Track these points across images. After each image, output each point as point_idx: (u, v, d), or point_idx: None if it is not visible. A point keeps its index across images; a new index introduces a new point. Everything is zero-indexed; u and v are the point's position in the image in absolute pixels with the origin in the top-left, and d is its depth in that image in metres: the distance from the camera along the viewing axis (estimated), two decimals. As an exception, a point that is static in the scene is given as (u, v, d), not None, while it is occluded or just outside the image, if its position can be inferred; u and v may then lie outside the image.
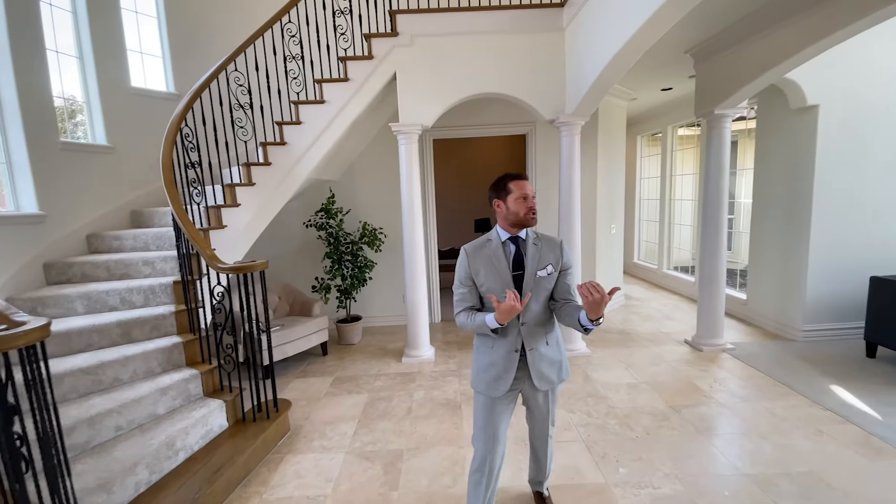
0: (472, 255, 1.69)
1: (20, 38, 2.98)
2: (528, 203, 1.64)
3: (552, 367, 1.72)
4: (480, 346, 1.75)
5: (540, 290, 1.66)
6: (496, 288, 1.63)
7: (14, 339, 1.36)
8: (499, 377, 1.67)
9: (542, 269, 1.66)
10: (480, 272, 1.67)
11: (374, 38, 3.66)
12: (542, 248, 1.70)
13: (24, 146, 3.00)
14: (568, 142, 3.78)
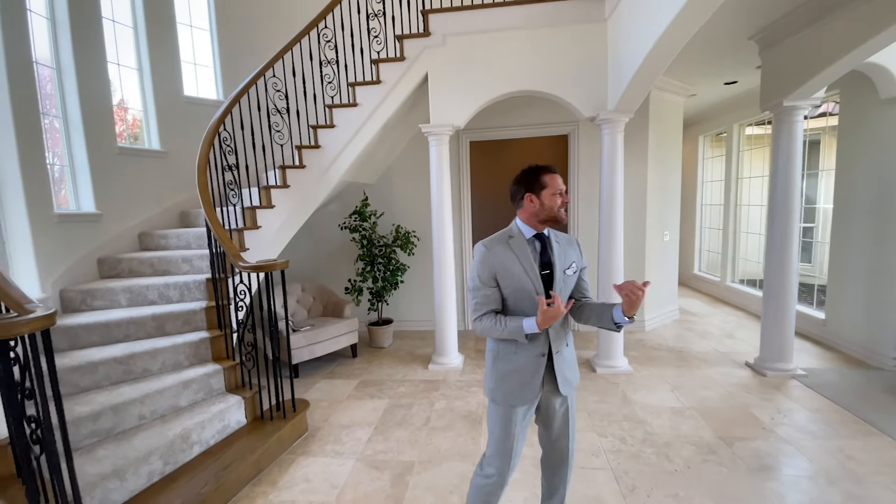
0: (495, 251, 1.54)
1: (84, 53, 3.27)
2: (564, 198, 1.53)
3: (572, 369, 1.62)
4: (501, 352, 1.57)
5: (566, 289, 1.57)
6: (524, 289, 1.51)
7: (18, 326, 1.41)
8: (525, 384, 1.53)
9: (567, 267, 1.57)
10: (505, 271, 1.52)
11: (406, 39, 3.63)
12: (563, 246, 1.60)
13: (85, 151, 3.28)
14: (610, 140, 3.51)
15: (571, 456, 1.70)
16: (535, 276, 1.51)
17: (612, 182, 3.54)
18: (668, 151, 4.83)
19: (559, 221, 1.55)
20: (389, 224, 4.80)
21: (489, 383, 1.61)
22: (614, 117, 3.42)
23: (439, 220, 3.76)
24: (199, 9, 4.29)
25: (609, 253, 3.59)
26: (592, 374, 3.61)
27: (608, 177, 3.54)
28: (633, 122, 4.37)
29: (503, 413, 1.57)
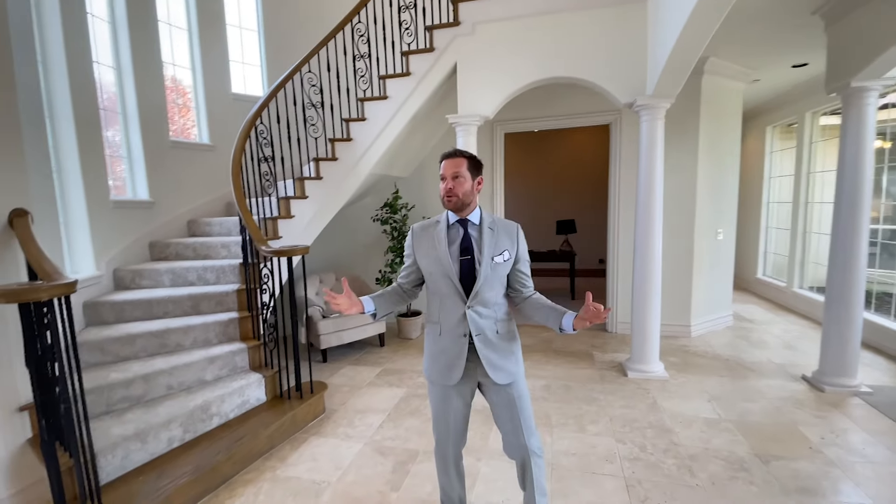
0: (418, 235, 1.64)
1: (141, 54, 3.57)
2: (446, 184, 1.54)
3: (503, 356, 1.57)
4: (430, 333, 1.65)
5: (495, 277, 1.55)
6: (440, 271, 1.55)
7: (40, 291, 1.56)
8: (451, 365, 1.57)
9: (498, 254, 1.55)
10: (423, 254, 1.60)
11: (435, 29, 3.61)
12: (498, 233, 1.58)
13: (141, 144, 3.59)
14: (649, 128, 3.27)
15: (531, 452, 1.59)
16: (448, 260, 1.53)
17: (651, 173, 3.30)
18: (723, 142, 4.43)
19: (447, 207, 1.57)
20: (420, 217, 4.82)
21: (424, 363, 1.69)
22: (653, 103, 3.18)
23: (465, 212, 3.70)
24: (249, 11, 4.55)
25: (645, 251, 3.35)
26: (623, 379, 3.39)
27: (646, 167, 3.31)
28: (683, 109, 4.07)
29: (437, 391, 1.64)
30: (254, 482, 2.25)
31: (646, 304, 3.41)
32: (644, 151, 3.31)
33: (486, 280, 1.53)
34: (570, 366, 3.68)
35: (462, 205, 1.53)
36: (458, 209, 1.55)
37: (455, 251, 1.54)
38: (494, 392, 1.60)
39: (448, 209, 1.57)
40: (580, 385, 3.30)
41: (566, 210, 7.54)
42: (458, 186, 1.52)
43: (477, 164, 1.58)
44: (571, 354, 3.94)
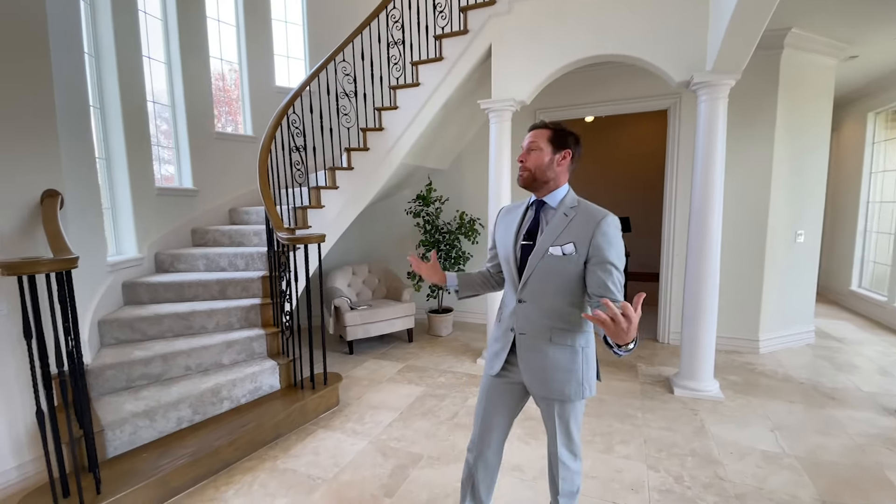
0: (502, 217, 1.53)
1: (190, 49, 3.75)
2: (521, 161, 1.39)
3: (553, 370, 1.35)
4: (497, 316, 1.54)
5: (551, 271, 1.32)
6: (502, 255, 1.46)
7: (40, 265, 1.60)
8: (496, 354, 1.48)
9: (557, 245, 1.30)
10: (500, 236, 1.49)
11: (470, 10, 3.42)
12: (573, 221, 1.31)
13: (187, 134, 3.77)
14: (709, 109, 2.84)
15: (564, 465, 1.44)
16: (510, 243, 1.41)
17: (710, 161, 2.86)
18: (808, 129, 3.79)
19: (521, 185, 1.40)
20: (455, 210, 4.65)
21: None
22: (713, 80, 2.75)
23: (496, 204, 3.48)
24: (294, 5, 4.64)
25: (700, 250, 2.92)
26: (667, 396, 2.99)
27: (704, 155, 2.88)
28: (755, 89, 3.54)
29: (483, 379, 1.54)
30: (253, 470, 2.22)
31: (698, 312, 2.97)
32: (702, 137, 2.89)
33: (537, 272, 1.33)
34: (607, 376, 3.33)
35: (534, 180, 1.36)
36: (530, 185, 1.38)
37: (521, 235, 1.40)
38: (538, 400, 1.42)
39: (522, 185, 1.39)
40: (616, 399, 2.96)
41: (620, 207, 6.99)
42: (530, 159, 1.35)
43: (563, 137, 1.37)
44: (612, 364, 3.57)
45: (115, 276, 2.97)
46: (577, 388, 1.35)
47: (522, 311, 1.38)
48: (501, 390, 1.48)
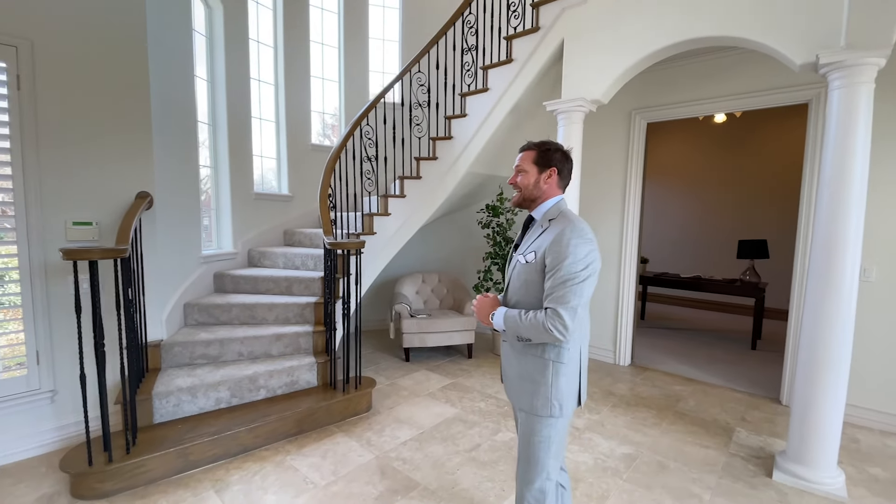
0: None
1: (294, 71, 4.23)
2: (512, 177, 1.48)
3: (521, 380, 1.40)
4: None
5: (520, 278, 1.40)
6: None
7: (92, 252, 1.94)
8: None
9: (526, 253, 1.39)
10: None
11: (542, 5, 3.14)
12: (546, 232, 1.36)
13: (286, 146, 4.26)
14: (844, 98, 2.06)
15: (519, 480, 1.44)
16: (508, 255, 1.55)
17: (844, 167, 2.07)
18: None
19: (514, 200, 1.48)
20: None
21: None
22: (850, 58, 1.99)
23: (560, 218, 3.09)
24: (392, 23, 4.90)
25: (822, 288, 2.13)
26: (761, 479, 2.25)
27: (835, 162, 2.10)
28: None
29: None
30: (263, 461, 2.35)
31: (815, 372, 2.17)
32: (832, 137, 2.11)
33: (512, 279, 1.44)
34: (686, 437, 2.66)
35: (524, 200, 1.45)
36: (522, 205, 1.47)
37: (515, 246, 1.52)
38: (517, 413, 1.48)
39: (511, 205, 1.62)
40: (683, 468, 2.34)
41: (754, 227, 5.62)
42: (520, 180, 1.45)
43: (547, 156, 1.42)
44: (700, 423, 2.85)
45: (209, 266, 3.48)
46: (545, 402, 1.34)
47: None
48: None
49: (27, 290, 2.30)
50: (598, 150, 3.99)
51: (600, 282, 4.03)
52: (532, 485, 1.39)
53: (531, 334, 1.30)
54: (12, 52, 2.19)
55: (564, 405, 1.35)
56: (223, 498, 2.04)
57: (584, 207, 4.04)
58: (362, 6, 4.69)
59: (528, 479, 1.40)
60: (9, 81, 2.19)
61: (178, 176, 3.01)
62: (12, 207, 2.24)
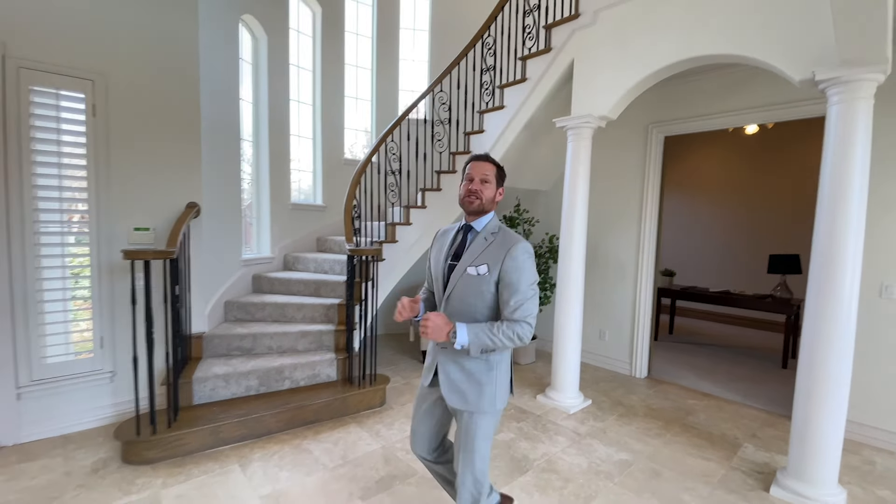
0: (438, 238, 1.66)
1: (329, 92, 4.61)
2: (470, 185, 1.51)
3: (468, 382, 1.48)
4: None
5: (468, 289, 1.46)
6: (436, 274, 1.58)
7: (147, 254, 2.30)
8: (428, 367, 1.61)
9: (473, 265, 1.46)
10: (433, 254, 1.63)
11: (554, 27, 3.31)
12: (491, 245, 1.48)
13: (321, 161, 4.63)
14: (842, 114, 2.08)
15: (461, 483, 1.52)
16: (441, 264, 1.55)
17: (841, 186, 2.09)
18: None
19: (464, 208, 1.53)
20: (544, 233, 4.41)
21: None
22: (846, 74, 2.02)
23: (568, 226, 3.21)
24: (421, 45, 5.20)
25: (821, 303, 2.13)
26: (759, 494, 2.25)
27: (833, 174, 2.12)
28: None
29: (419, 389, 1.68)
30: (282, 443, 2.62)
31: (814, 388, 2.16)
32: (832, 149, 2.13)
33: (457, 289, 1.48)
34: (689, 449, 2.68)
35: (481, 209, 1.51)
36: (475, 212, 1.52)
37: (450, 255, 1.55)
38: (455, 412, 1.54)
39: (467, 210, 1.53)
40: (678, 478, 2.37)
41: (787, 241, 5.36)
42: (484, 190, 1.50)
43: (502, 174, 1.56)
44: (707, 437, 2.84)
45: (248, 269, 3.86)
46: (491, 400, 1.47)
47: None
48: (430, 401, 1.62)
49: (96, 285, 2.72)
50: (614, 163, 4.06)
51: (617, 294, 4.06)
52: (475, 466, 1.50)
53: (502, 345, 1.38)
54: (89, 84, 2.63)
55: (504, 398, 1.52)
56: (245, 472, 2.31)
57: (597, 220, 4.11)
58: (394, 30, 5.03)
59: (471, 462, 1.50)
60: (86, 110, 2.63)
61: (222, 188, 3.41)
62: (87, 215, 2.67)
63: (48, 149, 2.53)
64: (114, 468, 2.32)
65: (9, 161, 2.43)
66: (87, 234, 2.68)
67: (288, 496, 2.13)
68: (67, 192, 2.61)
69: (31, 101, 2.47)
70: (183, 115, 2.93)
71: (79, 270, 2.71)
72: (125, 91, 2.72)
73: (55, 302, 2.61)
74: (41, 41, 2.47)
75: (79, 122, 2.61)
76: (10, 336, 2.49)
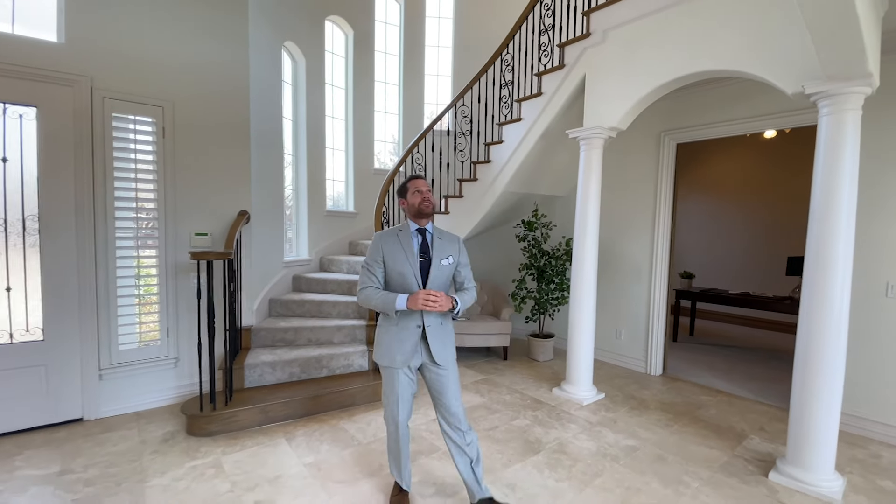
0: (386, 239, 1.97)
1: (360, 109, 5.00)
2: (422, 195, 1.95)
3: (445, 344, 1.96)
4: (386, 324, 1.98)
5: (441, 275, 1.95)
6: (406, 271, 1.90)
7: (209, 254, 2.69)
8: (403, 350, 1.92)
9: (444, 258, 1.95)
10: (392, 256, 1.93)
11: (566, 45, 3.55)
12: (444, 242, 2.00)
13: (353, 171, 5.02)
14: (833, 123, 2.25)
15: (463, 419, 1.98)
16: (415, 261, 1.92)
17: (831, 195, 2.25)
18: None
19: (423, 212, 1.95)
20: (561, 237, 4.62)
21: (376, 351, 2.01)
22: (833, 89, 2.19)
23: (581, 230, 3.44)
24: (445, 60, 5.54)
25: (816, 304, 2.29)
26: (756, 479, 2.41)
27: (823, 187, 2.29)
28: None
29: (388, 374, 1.98)
30: (321, 422, 2.95)
31: (809, 378, 2.32)
32: (822, 158, 2.30)
33: (435, 277, 1.92)
34: (695, 438, 2.85)
35: (433, 212, 1.96)
36: (428, 216, 1.96)
37: (417, 254, 1.93)
38: (435, 371, 1.96)
39: (425, 213, 1.95)
40: (680, 461, 2.56)
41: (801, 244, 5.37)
42: (432, 198, 1.97)
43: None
44: (714, 428, 3.00)
45: (289, 270, 4.26)
46: (454, 352, 2.02)
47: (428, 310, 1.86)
48: (409, 375, 1.98)
49: (162, 283, 3.15)
50: (629, 169, 4.25)
51: (632, 294, 4.23)
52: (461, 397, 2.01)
53: (467, 305, 1.96)
54: (160, 111, 3.07)
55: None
56: (290, 444, 2.66)
57: (612, 223, 4.31)
58: (419, 48, 5.39)
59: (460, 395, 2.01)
60: (156, 132, 3.07)
61: (268, 197, 3.82)
62: (156, 222, 3.10)
63: (125, 166, 2.98)
64: (181, 439, 2.70)
65: (95, 176, 2.88)
66: (156, 238, 3.11)
67: (328, 464, 2.45)
68: (141, 202, 3.05)
69: (112, 126, 2.92)
70: (236, 134, 3.34)
71: (148, 270, 3.14)
72: (188, 114, 3.15)
73: (129, 297, 3.04)
74: (121, 75, 2.92)
75: (150, 142, 3.05)
76: (94, 326, 2.93)
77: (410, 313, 1.89)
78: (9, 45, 2.60)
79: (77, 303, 2.86)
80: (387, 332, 1.96)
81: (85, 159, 2.84)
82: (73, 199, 2.82)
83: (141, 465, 2.42)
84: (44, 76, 2.71)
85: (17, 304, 2.76)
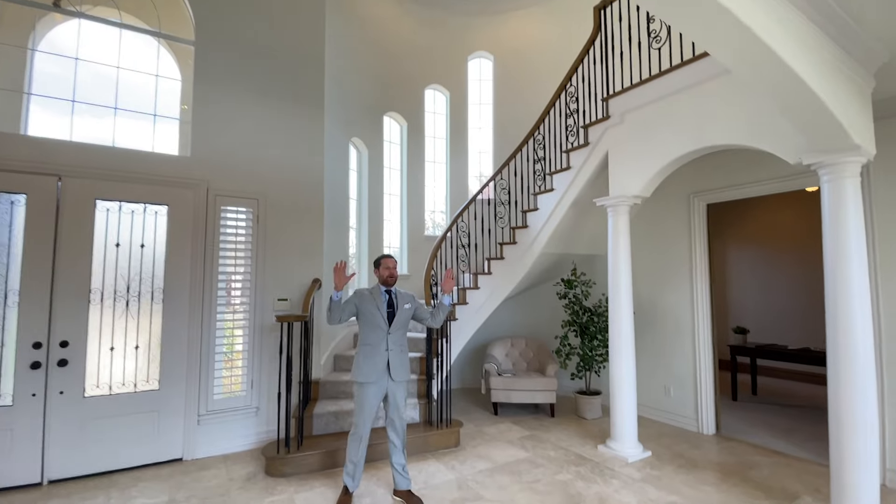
0: (362, 295, 2.91)
1: (414, 185, 5.72)
2: (390, 271, 2.94)
3: (403, 367, 2.87)
4: (364, 350, 2.82)
5: (402, 318, 2.91)
6: (374, 319, 2.83)
7: (289, 318, 3.26)
8: (382, 370, 2.79)
9: (405, 305, 2.94)
10: (365, 307, 2.85)
11: (590, 126, 4.02)
12: (402, 296, 2.98)
13: (407, 238, 5.64)
14: (833, 190, 2.46)
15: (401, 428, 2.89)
16: (384, 310, 2.87)
17: (839, 256, 2.43)
18: None
19: (387, 283, 2.93)
20: (601, 294, 4.81)
21: (354, 371, 2.82)
22: (828, 160, 2.44)
23: (615, 289, 3.68)
24: (486, 139, 6.22)
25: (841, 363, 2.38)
26: (805, 537, 2.40)
27: (833, 249, 2.47)
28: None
29: (364, 389, 2.77)
30: (379, 468, 3.29)
31: (843, 435, 2.35)
32: (828, 226, 2.49)
33: (398, 320, 2.87)
34: (742, 498, 2.84)
35: (395, 282, 2.95)
36: (391, 284, 2.93)
37: (385, 306, 2.85)
38: (394, 386, 2.84)
39: (389, 284, 2.92)
40: (723, 519, 2.59)
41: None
42: (395, 273, 2.95)
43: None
44: (765, 489, 2.96)
45: (351, 329, 4.80)
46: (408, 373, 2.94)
47: (392, 339, 2.83)
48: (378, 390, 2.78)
49: (248, 341, 3.76)
50: (662, 229, 4.48)
51: (677, 350, 4.29)
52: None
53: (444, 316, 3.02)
54: (255, 202, 3.85)
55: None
56: (351, 487, 3.00)
57: (652, 279, 4.48)
58: (462, 130, 6.14)
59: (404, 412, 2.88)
60: (252, 220, 3.83)
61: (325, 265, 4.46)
62: (248, 291, 3.78)
63: (228, 246, 3.73)
64: (260, 478, 3.14)
65: (206, 256, 3.63)
66: (247, 304, 3.77)
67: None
68: (237, 274, 3.76)
69: (221, 217, 3.72)
70: (312, 215, 4.06)
71: (233, 330, 3.78)
72: (276, 203, 3.92)
73: (221, 354, 3.67)
74: (228, 177, 3.75)
75: (246, 227, 3.81)
76: (196, 378, 3.55)
77: (380, 341, 2.79)
78: (152, 161, 3.50)
79: (185, 358, 3.52)
80: (364, 356, 2.79)
81: (199, 242, 3.62)
82: (188, 273, 3.57)
83: (230, 498, 2.87)
84: (174, 182, 3.58)
85: (141, 360, 3.45)
